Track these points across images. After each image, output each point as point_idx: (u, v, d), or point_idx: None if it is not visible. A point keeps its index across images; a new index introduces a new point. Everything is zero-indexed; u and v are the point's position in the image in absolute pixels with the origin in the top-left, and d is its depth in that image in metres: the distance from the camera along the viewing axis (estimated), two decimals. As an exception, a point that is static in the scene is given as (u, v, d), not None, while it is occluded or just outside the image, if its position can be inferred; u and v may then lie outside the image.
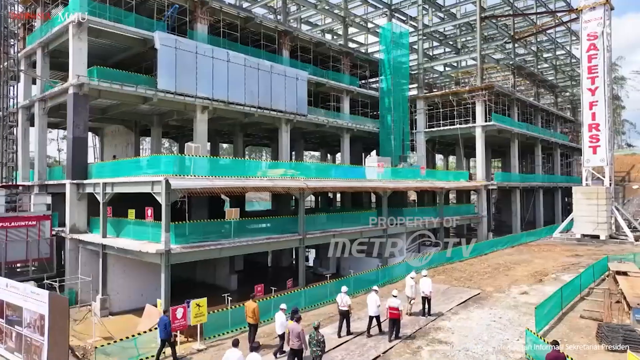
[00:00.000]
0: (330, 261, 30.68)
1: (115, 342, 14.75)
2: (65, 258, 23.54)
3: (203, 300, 14.35)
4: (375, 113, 43.11)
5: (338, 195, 46.91)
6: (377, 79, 44.77)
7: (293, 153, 43.16)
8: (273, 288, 20.55)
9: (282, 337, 13.75)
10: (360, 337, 14.85)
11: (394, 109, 40.47)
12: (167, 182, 16.99)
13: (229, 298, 18.43)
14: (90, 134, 41.06)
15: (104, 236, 20.95)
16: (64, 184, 23.18)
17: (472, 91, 38.93)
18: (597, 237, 35.42)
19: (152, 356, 13.86)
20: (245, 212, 36.60)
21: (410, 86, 47.12)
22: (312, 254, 35.38)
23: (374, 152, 49.43)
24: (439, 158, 79.19)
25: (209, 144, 46.94)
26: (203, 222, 19.17)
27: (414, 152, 44.00)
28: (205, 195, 18.29)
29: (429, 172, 39.64)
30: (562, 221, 40.74)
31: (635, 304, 15.24)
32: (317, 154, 71.34)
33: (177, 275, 27.81)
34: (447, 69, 56.00)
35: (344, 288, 15.77)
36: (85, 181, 22.55)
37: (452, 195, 59.45)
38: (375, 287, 15.84)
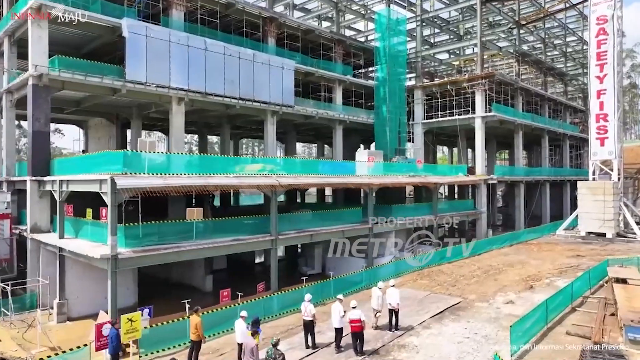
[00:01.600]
0: (316, 260, 29.17)
1: (56, 354, 13.50)
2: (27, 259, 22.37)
3: (137, 315, 12.97)
4: (371, 104, 41.21)
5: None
6: (374, 68, 42.76)
7: (283, 146, 41.60)
8: (239, 293, 19.18)
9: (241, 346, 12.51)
10: (326, 349, 13.39)
11: (390, 100, 38.50)
12: (112, 181, 15.58)
13: (187, 305, 17.10)
14: (75, 127, 40.24)
15: (61, 237, 19.72)
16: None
17: (472, 80, 36.80)
18: (604, 235, 33.28)
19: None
20: (229, 209, 35.33)
21: (410, 75, 45.13)
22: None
23: (373, 145, 47.64)
24: (442, 150, 77.03)
25: (197, 136, 45.86)
26: (158, 223, 17.71)
27: (412, 144, 42.12)
28: (159, 195, 16.81)
29: (427, 166, 37.79)
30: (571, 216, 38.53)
31: (629, 320, 13.41)
32: (313, 146, 69.49)
33: (154, 275, 26.75)
34: (450, 56, 53.60)
35: (308, 296, 14.31)
36: (45, 178, 21.28)
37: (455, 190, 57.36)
38: (340, 296, 14.31)
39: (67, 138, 62.69)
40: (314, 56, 35.98)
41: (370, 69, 45.15)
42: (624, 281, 18.09)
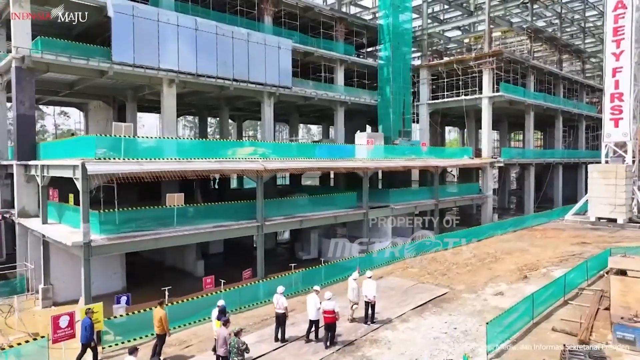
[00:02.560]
0: (312, 245, 28.65)
1: (34, 339, 13.28)
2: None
3: (98, 306, 12.63)
4: (375, 85, 39.92)
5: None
6: (379, 47, 41.26)
7: (286, 128, 40.80)
8: (222, 280, 18.80)
9: None
10: (296, 343, 12.94)
11: (394, 80, 37.19)
12: (83, 166, 15.14)
13: (167, 293, 16.78)
14: (75, 110, 40.17)
15: (44, 222, 19.59)
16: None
17: (479, 58, 35.18)
18: (615, 220, 31.86)
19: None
20: (227, 192, 34.77)
21: (416, 55, 43.56)
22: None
23: (376, 128, 46.39)
24: (454, 132, 75.06)
25: (197, 118, 45.35)
26: (135, 209, 17.29)
27: (419, 125, 40.87)
28: (134, 180, 16.34)
29: (431, 149, 36.64)
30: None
31: (618, 317, 12.51)
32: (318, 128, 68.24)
33: (149, 258, 26.69)
34: (461, 33, 51.47)
35: (280, 288, 13.78)
36: (30, 162, 21.06)
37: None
38: (316, 287, 13.73)
39: (73, 120, 63.01)
40: (314, 35, 34.82)
41: (374, 48, 43.65)
42: (623, 273, 17.02)
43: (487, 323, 11.64)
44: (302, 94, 32.49)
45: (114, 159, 16.48)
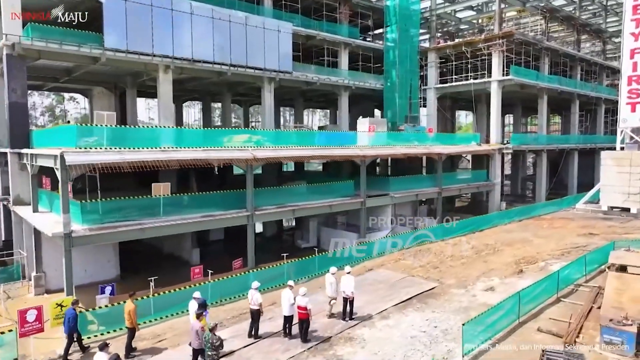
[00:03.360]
0: (311, 233, 28.29)
1: (9, 330, 13.37)
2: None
3: (67, 299, 12.51)
4: (382, 68, 38.80)
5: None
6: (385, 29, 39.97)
7: (291, 113, 40.21)
8: (210, 271, 18.59)
9: None
10: (268, 340, 12.69)
11: (400, 63, 36.07)
12: (62, 157, 14.95)
13: (152, 283, 16.63)
14: (80, 96, 40.31)
15: (35, 210, 19.62)
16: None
17: (488, 40, 33.74)
18: (628, 210, 30.57)
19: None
20: (229, 179, 34.49)
21: (424, 37, 42.17)
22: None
23: (379, 113, 45.32)
24: (468, 115, 73.10)
25: (200, 103, 45.04)
26: (118, 199, 17.09)
27: (426, 110, 39.76)
28: (115, 171, 16.11)
29: (438, 135, 35.62)
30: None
31: (607, 318, 11.78)
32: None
33: (149, 244, 26.76)
34: (475, 13, 49.51)
35: (255, 283, 13.46)
36: (22, 150, 21.07)
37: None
38: (290, 283, 13.35)
39: (81, 106, 63.63)
40: (316, 18, 33.86)
41: (381, 30, 42.35)
42: (624, 269, 16.15)
43: (463, 324, 11.08)
44: (304, 79, 31.78)
45: (96, 148, 16.25)
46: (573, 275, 16.52)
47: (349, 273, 13.88)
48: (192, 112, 73.57)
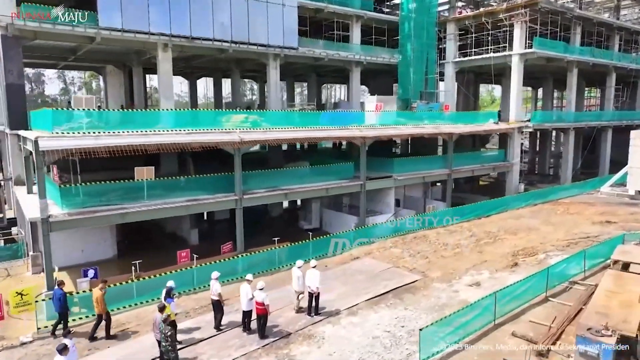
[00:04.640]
0: (314, 215, 27.80)
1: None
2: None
3: (27, 289, 12.64)
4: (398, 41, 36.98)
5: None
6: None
7: (304, 89, 39.24)
8: (195, 255, 18.49)
9: None
10: (227, 333, 12.48)
11: (416, 36, 34.19)
12: (36, 142, 14.91)
13: (137, 266, 16.70)
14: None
15: (29, 192, 19.96)
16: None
17: (510, 10, 31.33)
18: (657, 195, 28.37)
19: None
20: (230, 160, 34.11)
21: (443, 7, 39.75)
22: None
23: (396, 89, 43.41)
24: (497, 90, 69.49)
25: (212, 79, 44.53)
26: (99, 184, 17.04)
27: (444, 85, 37.81)
28: (92, 156, 16.00)
29: (454, 114, 33.94)
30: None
31: (585, 327, 10.73)
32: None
33: (153, 223, 26.99)
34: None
35: (215, 274, 13.18)
36: (19, 132, 21.35)
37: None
38: (249, 277, 12.92)
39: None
40: (326, -11, 32.35)
41: (397, 0, 40.21)
42: (626, 266, 14.80)
43: (420, 329, 10.36)
44: (311, 54, 30.67)
45: (73, 133, 16.13)
46: (569, 272, 15.31)
47: (314, 267, 13.30)
48: (209, 87, 73.22)
